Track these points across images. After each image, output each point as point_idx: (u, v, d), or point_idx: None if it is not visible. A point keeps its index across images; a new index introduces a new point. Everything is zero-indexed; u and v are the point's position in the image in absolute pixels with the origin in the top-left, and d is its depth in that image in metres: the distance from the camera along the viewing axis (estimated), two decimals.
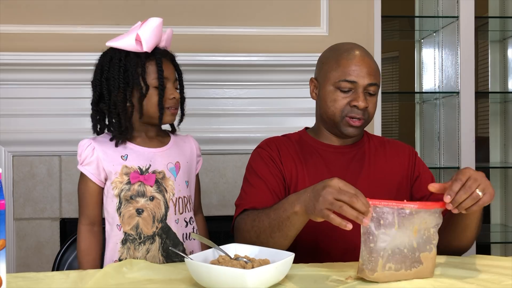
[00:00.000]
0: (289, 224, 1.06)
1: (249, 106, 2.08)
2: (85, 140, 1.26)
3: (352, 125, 1.26)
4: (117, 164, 1.23)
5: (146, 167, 1.24)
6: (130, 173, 1.23)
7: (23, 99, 1.97)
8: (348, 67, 1.24)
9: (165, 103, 1.25)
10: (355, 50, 1.27)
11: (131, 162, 1.24)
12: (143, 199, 1.23)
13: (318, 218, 0.97)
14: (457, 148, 2.26)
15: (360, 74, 1.24)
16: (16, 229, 2.00)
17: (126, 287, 0.94)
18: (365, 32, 2.14)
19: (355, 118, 1.25)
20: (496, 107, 2.69)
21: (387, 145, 1.37)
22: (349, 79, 1.24)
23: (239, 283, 0.86)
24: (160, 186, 1.24)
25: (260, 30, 2.08)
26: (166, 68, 1.26)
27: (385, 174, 1.30)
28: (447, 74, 2.38)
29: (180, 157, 1.31)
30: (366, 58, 1.27)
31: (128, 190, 1.22)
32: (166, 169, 1.27)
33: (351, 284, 0.95)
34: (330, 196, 0.94)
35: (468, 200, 0.96)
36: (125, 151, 1.25)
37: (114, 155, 1.24)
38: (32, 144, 1.99)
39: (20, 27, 1.98)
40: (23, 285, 0.95)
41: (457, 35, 2.25)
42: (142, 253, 1.24)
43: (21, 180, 2.00)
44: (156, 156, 1.26)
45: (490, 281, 0.97)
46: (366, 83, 1.24)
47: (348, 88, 1.25)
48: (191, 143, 1.39)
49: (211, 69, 2.02)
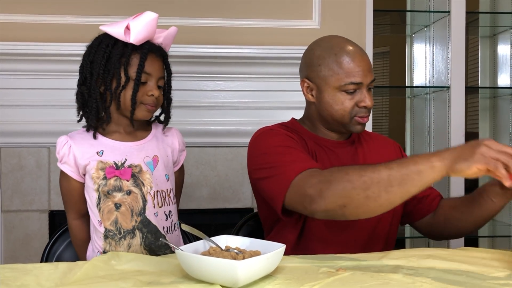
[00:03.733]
0: (417, 179, 0.99)
1: (241, 99, 2.07)
2: (62, 138, 1.26)
3: (361, 123, 1.27)
4: (93, 160, 1.23)
5: (121, 161, 1.24)
6: (105, 168, 1.22)
7: (10, 90, 1.95)
8: (352, 69, 1.22)
9: (142, 98, 1.22)
10: (352, 48, 1.25)
11: (107, 157, 1.23)
12: (120, 194, 1.22)
13: (467, 171, 0.97)
14: (447, 143, 2.27)
15: (364, 73, 1.23)
16: (3, 221, 1.97)
17: (116, 279, 0.93)
18: (357, 26, 2.14)
19: (364, 116, 1.26)
20: (485, 103, 2.71)
21: (374, 138, 1.41)
22: (355, 81, 1.23)
23: (230, 274, 0.86)
24: (137, 180, 1.24)
25: (252, 23, 2.07)
26: (152, 64, 1.22)
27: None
28: (437, 68, 2.39)
29: (159, 151, 1.29)
30: (363, 54, 1.26)
31: (105, 185, 1.22)
32: (142, 163, 1.25)
33: (342, 275, 0.95)
34: (488, 153, 0.96)
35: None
36: (101, 147, 1.24)
37: (90, 151, 1.23)
38: (20, 135, 1.96)
39: (8, 17, 1.95)
40: (10, 276, 0.93)
41: (448, 30, 2.26)
42: (124, 248, 1.23)
43: (9, 172, 1.98)
44: (132, 150, 1.26)
45: (479, 272, 0.97)
46: (369, 81, 1.25)
47: (353, 89, 1.24)
48: (174, 136, 1.35)
49: (203, 61, 2.00)
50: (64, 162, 1.25)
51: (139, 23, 1.21)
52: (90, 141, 1.24)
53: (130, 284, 0.90)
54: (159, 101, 1.27)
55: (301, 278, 0.93)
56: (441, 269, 1.00)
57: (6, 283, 0.91)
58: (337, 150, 1.32)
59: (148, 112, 1.25)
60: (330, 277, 0.94)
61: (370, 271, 0.98)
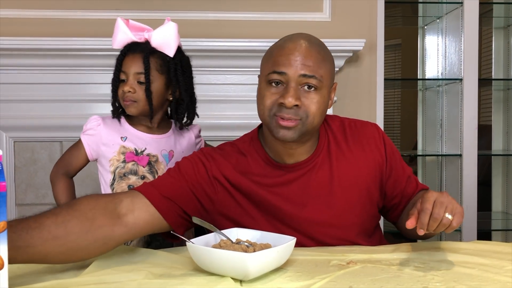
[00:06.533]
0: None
1: (251, 92, 2.05)
2: (95, 116, 1.38)
3: (282, 126, 1.04)
4: (116, 144, 1.35)
5: (141, 149, 1.36)
6: (126, 153, 1.34)
7: (24, 85, 1.97)
8: (279, 56, 1.04)
9: (123, 95, 1.32)
10: (295, 38, 1.07)
11: (129, 144, 1.36)
12: (134, 177, 1.34)
13: None
14: (459, 136, 2.25)
15: (292, 63, 1.03)
16: (18, 214, 2.00)
17: (127, 271, 0.94)
18: (368, 18, 2.12)
19: (285, 118, 1.03)
20: (499, 95, 2.68)
21: (350, 137, 1.17)
22: (278, 70, 1.04)
23: (240, 267, 0.86)
24: (152, 168, 1.35)
25: (262, 16, 2.07)
26: (128, 62, 1.31)
27: (353, 178, 1.14)
28: (450, 61, 2.36)
29: (175, 147, 1.40)
30: (304, 46, 1.05)
31: (122, 168, 1.34)
32: (159, 154, 1.37)
33: (353, 268, 0.95)
34: None
35: (440, 227, 0.93)
36: (126, 133, 1.37)
37: (115, 135, 1.36)
38: (33, 130, 1.99)
39: (21, 12, 1.97)
40: (25, 266, 0.95)
41: (461, 21, 2.23)
42: None
43: (23, 165, 2.00)
44: (152, 142, 1.37)
45: (491, 266, 0.97)
46: (298, 74, 1.03)
47: (278, 81, 1.05)
48: (191, 133, 1.46)
49: (213, 55, 2.00)
50: (86, 134, 1.36)
51: (114, 30, 1.34)
52: (118, 127, 1.37)
53: (142, 276, 0.91)
54: (137, 97, 1.31)
55: (311, 271, 0.93)
56: (453, 262, 0.99)
57: (20, 273, 0.92)
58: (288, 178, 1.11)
59: (128, 107, 1.33)
60: (341, 270, 0.94)
61: (381, 264, 0.98)
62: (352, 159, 1.16)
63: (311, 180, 1.13)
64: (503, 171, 2.63)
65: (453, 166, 2.31)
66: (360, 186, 1.15)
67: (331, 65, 1.11)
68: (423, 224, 0.92)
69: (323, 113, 1.09)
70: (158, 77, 1.33)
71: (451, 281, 0.88)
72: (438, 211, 0.92)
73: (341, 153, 1.16)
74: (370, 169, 1.16)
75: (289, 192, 1.12)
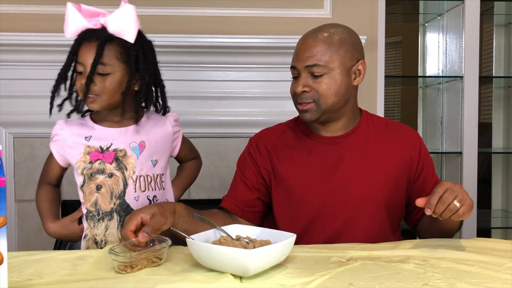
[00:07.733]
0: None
1: (251, 89, 2.06)
2: (59, 120, 1.33)
3: (301, 110, 1.24)
4: (81, 145, 1.28)
5: (107, 146, 1.28)
6: (90, 152, 1.28)
7: (23, 80, 1.96)
8: (294, 54, 1.25)
9: (81, 88, 1.23)
10: (305, 35, 1.25)
11: (94, 142, 1.28)
12: (102, 176, 1.26)
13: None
14: (460, 133, 2.25)
15: (299, 57, 1.22)
16: (17, 210, 2.00)
17: None
18: (369, 15, 2.12)
19: (301, 103, 1.23)
20: (499, 92, 2.67)
21: (390, 129, 1.30)
22: (292, 65, 1.24)
23: (240, 263, 0.86)
24: (120, 163, 1.27)
25: (262, 12, 2.06)
26: (84, 52, 1.23)
27: (383, 163, 1.25)
28: (451, 58, 2.36)
29: (147, 136, 1.30)
30: (309, 40, 1.22)
31: (89, 168, 1.27)
32: (128, 148, 1.28)
33: (353, 265, 0.95)
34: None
35: (446, 212, 1.01)
36: (90, 132, 1.29)
37: (79, 136, 1.29)
38: (33, 126, 1.98)
39: (21, 7, 1.96)
40: (24, 263, 0.95)
41: (462, 19, 2.22)
42: (101, 230, 1.26)
43: (22, 161, 2.00)
44: (118, 135, 1.29)
45: (491, 263, 0.97)
46: (303, 66, 1.21)
47: (295, 74, 1.24)
48: (167, 122, 1.35)
49: (213, 51, 2.00)
50: (53, 141, 1.33)
51: (65, 18, 1.26)
52: (81, 127, 1.30)
53: (141, 272, 0.91)
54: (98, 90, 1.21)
55: (311, 268, 0.93)
56: (453, 259, 0.99)
57: (19, 270, 0.92)
58: (327, 148, 1.27)
59: (89, 103, 1.23)
60: (340, 267, 0.94)
61: (381, 261, 0.98)
62: (387, 148, 1.27)
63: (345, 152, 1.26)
64: (503, 169, 2.63)
65: (453, 164, 2.31)
66: (388, 171, 1.25)
67: (342, 49, 1.21)
68: (431, 205, 1.00)
69: (337, 92, 1.21)
70: (119, 66, 1.21)
71: (451, 278, 0.88)
72: (447, 196, 1.00)
73: (378, 140, 1.28)
74: (401, 161, 1.26)
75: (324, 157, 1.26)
